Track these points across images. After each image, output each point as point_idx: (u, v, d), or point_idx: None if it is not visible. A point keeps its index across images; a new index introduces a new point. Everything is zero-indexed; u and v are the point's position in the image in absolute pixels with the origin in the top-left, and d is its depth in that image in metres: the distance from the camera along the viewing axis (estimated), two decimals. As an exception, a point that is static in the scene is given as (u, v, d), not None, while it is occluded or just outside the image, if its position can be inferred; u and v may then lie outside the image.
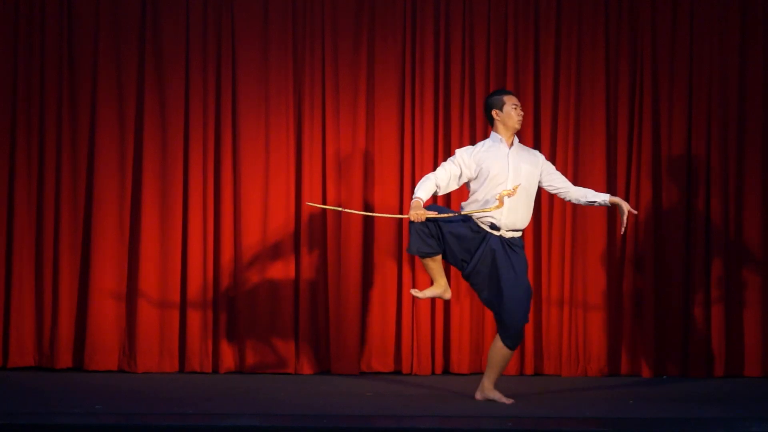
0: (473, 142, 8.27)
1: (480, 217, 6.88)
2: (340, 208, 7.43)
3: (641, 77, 8.25)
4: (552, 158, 8.23)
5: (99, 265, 8.20)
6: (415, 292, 7.03)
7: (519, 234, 6.95)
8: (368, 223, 8.24)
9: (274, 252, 8.25)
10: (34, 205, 8.24)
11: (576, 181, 8.22)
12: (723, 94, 8.21)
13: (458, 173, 6.93)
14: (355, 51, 8.31)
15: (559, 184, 7.06)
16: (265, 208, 8.28)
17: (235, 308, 8.24)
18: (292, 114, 8.31)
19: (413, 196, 6.84)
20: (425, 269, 6.98)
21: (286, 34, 8.32)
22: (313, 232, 8.22)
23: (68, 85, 8.26)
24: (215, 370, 8.19)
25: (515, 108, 6.99)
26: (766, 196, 8.18)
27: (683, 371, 8.13)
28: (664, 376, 8.14)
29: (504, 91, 7.09)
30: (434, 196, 7.11)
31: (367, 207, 8.22)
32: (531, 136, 8.26)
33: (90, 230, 8.22)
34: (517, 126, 7.01)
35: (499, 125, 7.02)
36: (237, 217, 8.27)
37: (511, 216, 6.87)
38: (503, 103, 7.00)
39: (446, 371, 8.23)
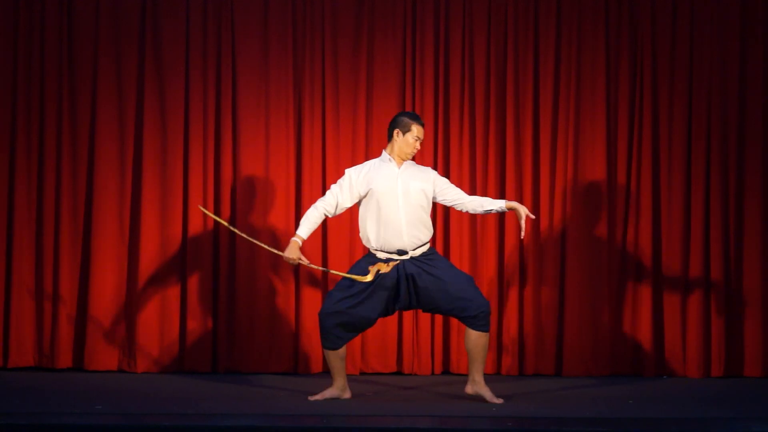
0: (473, 142, 8.29)
1: (373, 261, 6.94)
2: (229, 225, 7.31)
3: (641, 77, 8.25)
4: (552, 158, 8.23)
5: (99, 264, 8.20)
6: (311, 397, 7.05)
7: (427, 245, 6.99)
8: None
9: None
10: (34, 204, 8.23)
11: (576, 181, 8.22)
12: (723, 94, 8.21)
13: (347, 194, 6.99)
14: (355, 51, 8.31)
15: (453, 197, 7.06)
16: (265, 208, 8.27)
17: (236, 308, 8.24)
18: (292, 114, 8.31)
19: (296, 232, 6.99)
20: (328, 364, 7.06)
21: (286, 34, 8.32)
22: (314, 232, 8.20)
23: (68, 85, 8.26)
24: (215, 370, 8.19)
25: (416, 141, 6.99)
26: (766, 196, 8.18)
27: (683, 371, 8.13)
28: (664, 376, 8.14)
29: (417, 119, 7.04)
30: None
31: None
32: (531, 136, 8.26)
33: (90, 230, 8.22)
34: (407, 158, 7.02)
35: (394, 146, 7.03)
36: (237, 217, 8.26)
37: (411, 233, 6.91)
38: (408, 130, 6.99)
39: (446, 371, 8.24)
